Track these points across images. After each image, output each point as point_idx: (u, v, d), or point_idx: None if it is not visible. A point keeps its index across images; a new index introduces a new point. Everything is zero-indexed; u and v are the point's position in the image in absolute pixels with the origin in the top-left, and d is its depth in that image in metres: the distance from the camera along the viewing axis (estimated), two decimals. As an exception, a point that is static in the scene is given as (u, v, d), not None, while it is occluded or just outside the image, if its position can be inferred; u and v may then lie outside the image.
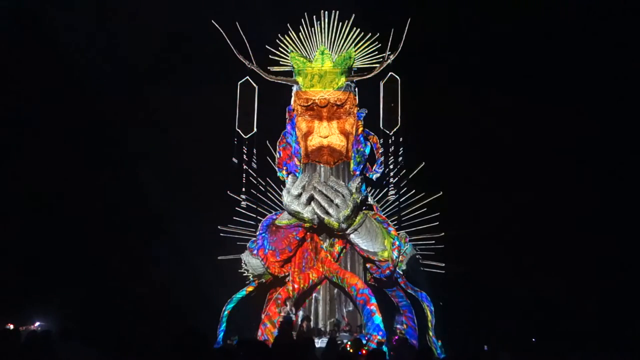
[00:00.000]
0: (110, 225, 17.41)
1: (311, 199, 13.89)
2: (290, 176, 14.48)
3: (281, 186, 14.98)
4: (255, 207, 15.45)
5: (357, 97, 15.10)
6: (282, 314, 13.51)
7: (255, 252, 14.45)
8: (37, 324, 15.31)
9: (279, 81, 15.28)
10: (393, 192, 15.27)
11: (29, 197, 17.62)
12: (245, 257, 14.79)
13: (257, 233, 14.80)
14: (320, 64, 14.95)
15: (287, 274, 14.51)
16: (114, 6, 17.01)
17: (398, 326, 14.14)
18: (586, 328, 15.73)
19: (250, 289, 15.02)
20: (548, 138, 17.73)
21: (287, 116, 15.21)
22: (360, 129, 14.99)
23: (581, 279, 16.61)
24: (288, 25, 15.15)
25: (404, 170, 15.29)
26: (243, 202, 15.04)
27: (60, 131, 17.63)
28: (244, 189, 15.01)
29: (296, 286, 14.16)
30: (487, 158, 17.56)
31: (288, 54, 15.14)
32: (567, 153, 17.61)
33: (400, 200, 15.44)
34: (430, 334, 14.23)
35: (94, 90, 17.46)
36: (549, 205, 17.59)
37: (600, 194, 17.18)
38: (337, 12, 15.02)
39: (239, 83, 15.15)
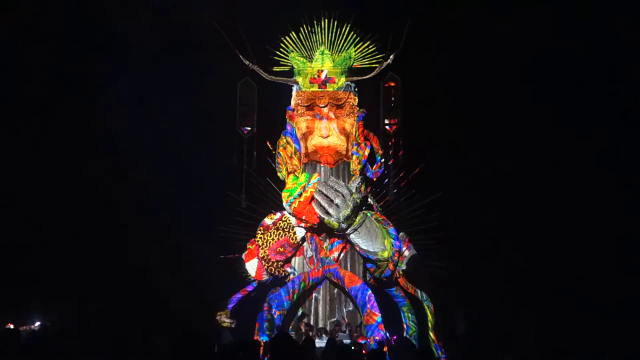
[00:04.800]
0: (109, 225, 17.41)
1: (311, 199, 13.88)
2: (290, 176, 14.48)
3: (281, 186, 14.99)
4: (255, 207, 15.46)
5: (357, 97, 15.13)
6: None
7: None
8: (37, 324, 15.32)
9: (279, 81, 15.30)
10: (393, 192, 15.27)
11: (28, 196, 17.63)
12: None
13: (257, 233, 14.80)
14: (321, 64, 14.98)
15: (287, 274, 14.51)
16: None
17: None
18: (588, 328, 15.72)
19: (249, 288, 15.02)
20: (550, 137, 17.72)
21: (287, 116, 15.22)
22: (361, 129, 15.00)
23: (583, 280, 16.60)
24: (288, 25, 15.17)
25: (404, 171, 15.29)
26: (243, 202, 15.06)
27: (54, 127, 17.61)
28: (244, 189, 15.03)
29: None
30: (487, 158, 17.55)
31: (288, 54, 15.17)
32: (570, 152, 17.59)
33: (400, 200, 15.43)
34: (431, 334, 14.24)
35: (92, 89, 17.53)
36: (550, 204, 17.58)
37: (605, 193, 17.15)
38: (337, 12, 15.05)
39: (239, 83, 15.19)
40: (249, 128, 15.03)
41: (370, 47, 15.05)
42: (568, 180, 17.45)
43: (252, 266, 14.57)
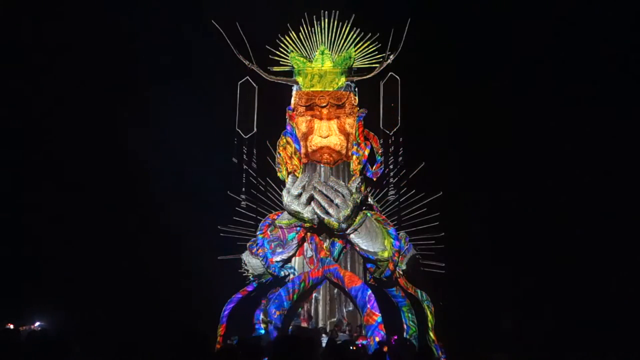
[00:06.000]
0: (109, 225, 17.40)
1: (311, 199, 13.91)
2: (290, 176, 14.51)
3: (281, 186, 15.01)
4: (255, 207, 15.48)
5: (357, 97, 15.14)
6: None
7: (255, 251, 14.48)
8: (37, 324, 15.32)
9: (279, 81, 15.33)
10: (393, 192, 15.29)
11: (29, 196, 17.65)
12: (245, 257, 14.83)
13: (257, 232, 14.84)
14: (320, 64, 15.01)
15: (287, 274, 14.51)
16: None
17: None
18: (588, 328, 15.72)
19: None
20: (549, 136, 17.70)
21: (287, 116, 15.23)
22: (361, 129, 15.01)
23: (583, 280, 16.59)
24: (288, 25, 15.19)
25: (404, 170, 15.30)
26: (243, 202, 15.08)
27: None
28: (244, 189, 15.05)
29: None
30: (487, 157, 17.54)
31: (288, 54, 15.19)
32: (569, 150, 17.57)
33: (400, 200, 15.45)
34: (431, 334, 14.26)
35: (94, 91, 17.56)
36: (551, 204, 17.58)
37: (605, 195, 17.15)
38: (337, 12, 15.07)
39: (239, 83, 15.21)
40: (249, 128, 15.05)
41: (370, 47, 15.07)
42: (568, 178, 17.46)
43: (252, 265, 14.66)
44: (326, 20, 15.13)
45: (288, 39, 15.21)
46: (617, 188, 17.23)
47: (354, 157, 14.81)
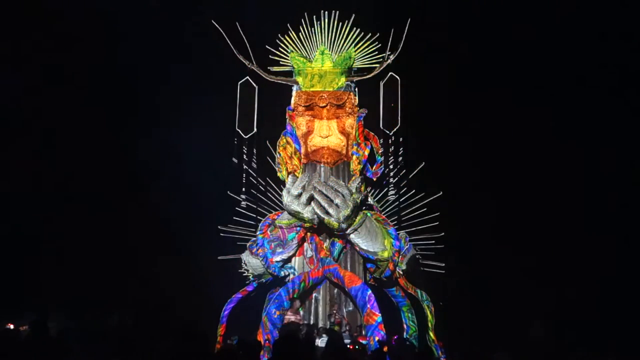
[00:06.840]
0: (108, 225, 17.39)
1: (311, 199, 13.90)
2: (290, 176, 14.51)
3: (281, 186, 15.01)
4: (255, 207, 15.50)
5: (357, 97, 15.16)
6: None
7: (255, 251, 14.48)
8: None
9: (279, 81, 15.35)
10: (393, 192, 15.30)
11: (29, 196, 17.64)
12: (245, 257, 14.83)
13: (257, 232, 14.85)
14: (320, 64, 15.02)
15: (287, 274, 14.51)
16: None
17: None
18: (587, 328, 15.71)
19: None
20: (549, 137, 17.70)
21: (287, 116, 15.24)
22: (361, 129, 15.03)
23: (582, 280, 16.59)
24: (288, 25, 15.20)
25: (404, 170, 15.32)
26: (243, 202, 15.10)
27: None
28: (244, 189, 15.07)
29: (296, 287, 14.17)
30: (487, 157, 17.54)
31: (288, 54, 15.21)
32: (571, 148, 17.56)
33: (400, 200, 15.46)
34: (431, 334, 14.27)
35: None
36: (552, 204, 17.57)
37: (607, 193, 17.14)
38: (337, 12, 15.10)
39: (239, 83, 15.22)
40: (249, 128, 15.07)
41: (370, 47, 15.09)
42: (569, 178, 17.45)
43: (252, 265, 14.66)
44: (326, 20, 15.14)
45: (288, 39, 15.23)
46: (617, 189, 17.23)
47: (354, 157, 14.83)
